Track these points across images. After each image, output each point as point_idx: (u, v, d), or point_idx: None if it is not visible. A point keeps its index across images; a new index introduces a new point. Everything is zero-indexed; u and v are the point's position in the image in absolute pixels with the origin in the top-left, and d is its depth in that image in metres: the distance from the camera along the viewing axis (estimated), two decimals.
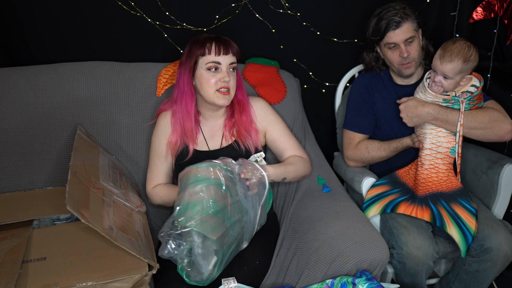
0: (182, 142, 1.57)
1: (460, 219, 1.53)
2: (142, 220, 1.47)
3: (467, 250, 1.51)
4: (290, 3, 1.94)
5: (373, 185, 1.70)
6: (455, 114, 1.56)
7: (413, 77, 1.78)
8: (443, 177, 1.61)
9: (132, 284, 1.18)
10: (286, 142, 1.64)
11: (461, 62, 1.50)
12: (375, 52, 1.79)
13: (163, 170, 1.61)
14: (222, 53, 1.46)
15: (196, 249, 1.23)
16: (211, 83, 1.47)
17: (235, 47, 1.51)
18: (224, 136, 1.59)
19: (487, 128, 1.57)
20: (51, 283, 1.14)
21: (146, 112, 1.77)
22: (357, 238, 1.38)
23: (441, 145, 1.60)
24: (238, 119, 1.58)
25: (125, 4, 1.85)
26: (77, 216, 1.13)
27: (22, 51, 1.89)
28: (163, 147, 1.60)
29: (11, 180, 1.69)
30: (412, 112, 1.61)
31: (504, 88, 1.86)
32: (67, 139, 1.72)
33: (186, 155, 1.56)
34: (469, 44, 1.53)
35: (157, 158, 1.61)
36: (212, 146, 1.59)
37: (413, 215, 1.59)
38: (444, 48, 1.53)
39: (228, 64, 1.48)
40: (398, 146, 1.73)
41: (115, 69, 1.79)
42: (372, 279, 1.24)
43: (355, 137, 1.82)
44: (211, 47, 1.46)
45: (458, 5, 1.91)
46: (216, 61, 1.46)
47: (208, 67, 1.47)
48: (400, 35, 1.65)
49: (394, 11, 1.65)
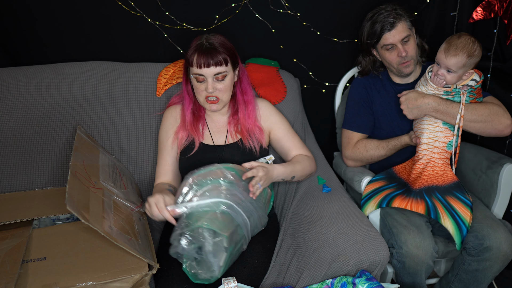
0: (190, 135, 1.58)
1: (455, 210, 1.53)
2: (142, 220, 1.47)
3: (461, 242, 1.51)
4: (290, 3, 1.94)
5: (370, 181, 1.71)
6: (455, 106, 1.57)
7: (411, 76, 1.79)
8: (439, 171, 1.61)
9: (132, 284, 1.18)
10: (291, 142, 1.65)
11: (466, 56, 1.52)
12: (372, 56, 1.79)
13: (171, 162, 1.60)
14: (204, 66, 1.46)
15: (207, 247, 1.24)
16: (199, 91, 1.51)
17: (219, 55, 1.47)
18: (229, 132, 1.61)
19: (486, 121, 1.57)
20: (51, 283, 1.14)
21: (146, 112, 1.77)
22: (357, 238, 1.38)
23: (438, 140, 1.61)
24: (242, 117, 1.59)
25: (125, 4, 1.85)
26: (77, 216, 1.13)
27: (22, 51, 1.89)
28: (170, 138, 1.60)
29: (11, 180, 1.69)
30: (412, 104, 1.62)
31: (504, 88, 1.86)
32: (67, 139, 1.72)
33: (192, 149, 1.56)
34: (474, 39, 1.54)
35: (165, 150, 1.61)
36: (217, 141, 1.60)
37: (408, 208, 1.59)
38: (449, 42, 1.54)
39: (213, 76, 1.48)
40: (397, 144, 1.73)
41: (115, 69, 1.79)
42: (372, 279, 1.24)
43: (354, 137, 1.82)
44: (193, 59, 1.47)
45: (458, 5, 1.91)
46: (200, 73, 1.48)
47: (195, 78, 1.50)
48: (396, 36, 1.66)
49: (386, 13, 1.66)
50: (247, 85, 1.62)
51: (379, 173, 1.74)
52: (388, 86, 1.82)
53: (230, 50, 1.51)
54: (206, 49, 1.47)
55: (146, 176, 1.76)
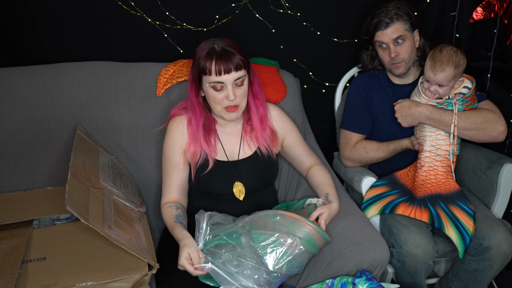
0: (203, 152, 1.47)
1: (458, 220, 1.54)
2: (142, 220, 1.47)
3: (464, 251, 1.52)
4: (290, 3, 1.94)
5: (372, 185, 1.71)
6: (448, 114, 1.58)
7: (410, 76, 1.79)
8: (442, 179, 1.62)
9: (132, 284, 1.18)
10: (303, 149, 1.62)
11: (453, 68, 1.54)
12: (371, 50, 1.80)
13: (176, 182, 1.49)
14: (224, 73, 1.34)
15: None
16: (217, 101, 1.39)
17: (238, 59, 1.36)
18: (245, 142, 1.52)
19: (480, 129, 1.58)
20: (51, 283, 1.14)
21: (146, 112, 1.76)
22: (357, 238, 1.38)
23: (440, 148, 1.62)
24: (255, 121, 1.50)
25: (125, 4, 1.85)
26: (77, 216, 1.13)
27: (22, 51, 1.89)
28: (179, 157, 1.48)
29: (11, 180, 1.69)
30: (406, 112, 1.63)
31: (504, 88, 1.86)
32: (67, 139, 1.72)
33: (206, 167, 1.47)
34: (455, 49, 1.56)
35: (171, 168, 1.49)
36: (231, 156, 1.52)
37: (412, 216, 1.59)
38: (433, 59, 1.56)
39: (233, 81, 1.36)
40: (397, 148, 1.73)
41: (115, 69, 1.79)
42: (372, 279, 1.24)
43: (352, 137, 1.82)
44: (211, 67, 1.34)
45: (458, 5, 1.90)
46: (219, 81, 1.35)
47: (212, 86, 1.38)
48: (388, 35, 1.66)
49: (386, 11, 1.67)
50: (259, 88, 1.50)
51: (382, 178, 1.74)
52: (387, 87, 1.82)
53: (242, 51, 1.40)
54: (223, 53, 1.35)
55: (146, 176, 1.76)
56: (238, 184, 1.49)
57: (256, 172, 1.51)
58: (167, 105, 1.73)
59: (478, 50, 1.92)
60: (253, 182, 1.51)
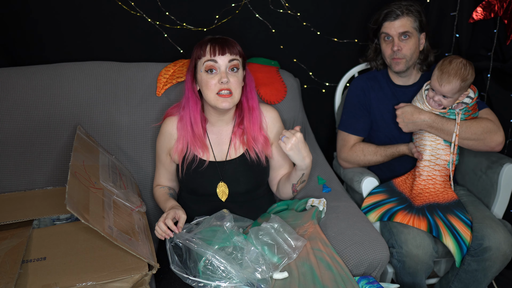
0: (189, 150, 1.49)
1: (456, 230, 1.54)
2: (142, 220, 1.47)
3: (461, 260, 1.54)
4: (290, 3, 1.94)
5: (370, 193, 1.71)
6: (450, 123, 1.59)
7: (410, 78, 1.79)
8: (440, 188, 1.63)
9: (132, 284, 1.18)
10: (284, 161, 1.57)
11: (459, 82, 1.53)
12: (376, 44, 1.80)
13: (164, 175, 1.61)
14: (218, 54, 1.38)
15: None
16: (210, 86, 1.39)
17: (234, 46, 1.42)
18: (233, 145, 1.52)
19: (479, 139, 1.59)
20: (51, 283, 1.14)
21: (146, 112, 1.76)
22: (356, 238, 1.38)
23: (439, 157, 1.63)
24: (248, 126, 1.50)
25: (125, 4, 1.85)
26: (77, 216, 1.13)
27: (22, 51, 1.89)
28: (165, 157, 1.57)
29: (11, 180, 1.69)
30: (408, 119, 1.63)
31: (504, 88, 1.86)
32: (67, 139, 1.72)
33: (194, 165, 1.49)
34: (465, 62, 1.55)
35: (160, 163, 1.61)
36: (218, 157, 1.52)
37: (410, 224, 1.59)
38: (442, 70, 1.56)
39: (227, 63, 1.39)
40: (394, 153, 1.74)
41: (115, 69, 1.79)
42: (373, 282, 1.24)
43: (350, 139, 1.82)
44: (206, 48, 1.39)
45: (458, 5, 1.91)
46: (213, 59, 1.38)
47: (205, 68, 1.39)
48: (396, 28, 1.66)
49: (399, 4, 1.67)
50: (253, 91, 1.52)
51: (379, 185, 1.74)
52: (387, 88, 1.81)
53: (239, 46, 1.45)
54: (218, 38, 1.42)
55: (146, 176, 1.76)
56: (222, 184, 1.49)
57: (241, 175, 1.50)
58: (167, 105, 1.73)
59: (478, 50, 1.92)
60: (237, 184, 1.49)
